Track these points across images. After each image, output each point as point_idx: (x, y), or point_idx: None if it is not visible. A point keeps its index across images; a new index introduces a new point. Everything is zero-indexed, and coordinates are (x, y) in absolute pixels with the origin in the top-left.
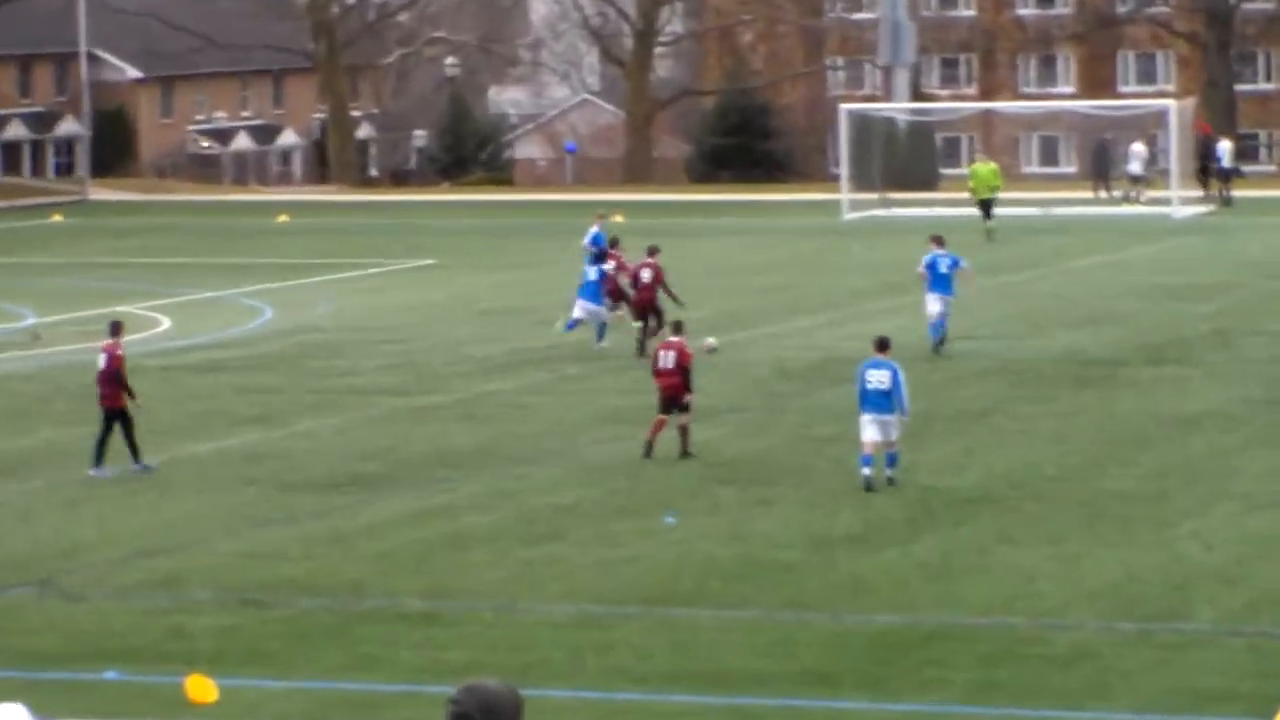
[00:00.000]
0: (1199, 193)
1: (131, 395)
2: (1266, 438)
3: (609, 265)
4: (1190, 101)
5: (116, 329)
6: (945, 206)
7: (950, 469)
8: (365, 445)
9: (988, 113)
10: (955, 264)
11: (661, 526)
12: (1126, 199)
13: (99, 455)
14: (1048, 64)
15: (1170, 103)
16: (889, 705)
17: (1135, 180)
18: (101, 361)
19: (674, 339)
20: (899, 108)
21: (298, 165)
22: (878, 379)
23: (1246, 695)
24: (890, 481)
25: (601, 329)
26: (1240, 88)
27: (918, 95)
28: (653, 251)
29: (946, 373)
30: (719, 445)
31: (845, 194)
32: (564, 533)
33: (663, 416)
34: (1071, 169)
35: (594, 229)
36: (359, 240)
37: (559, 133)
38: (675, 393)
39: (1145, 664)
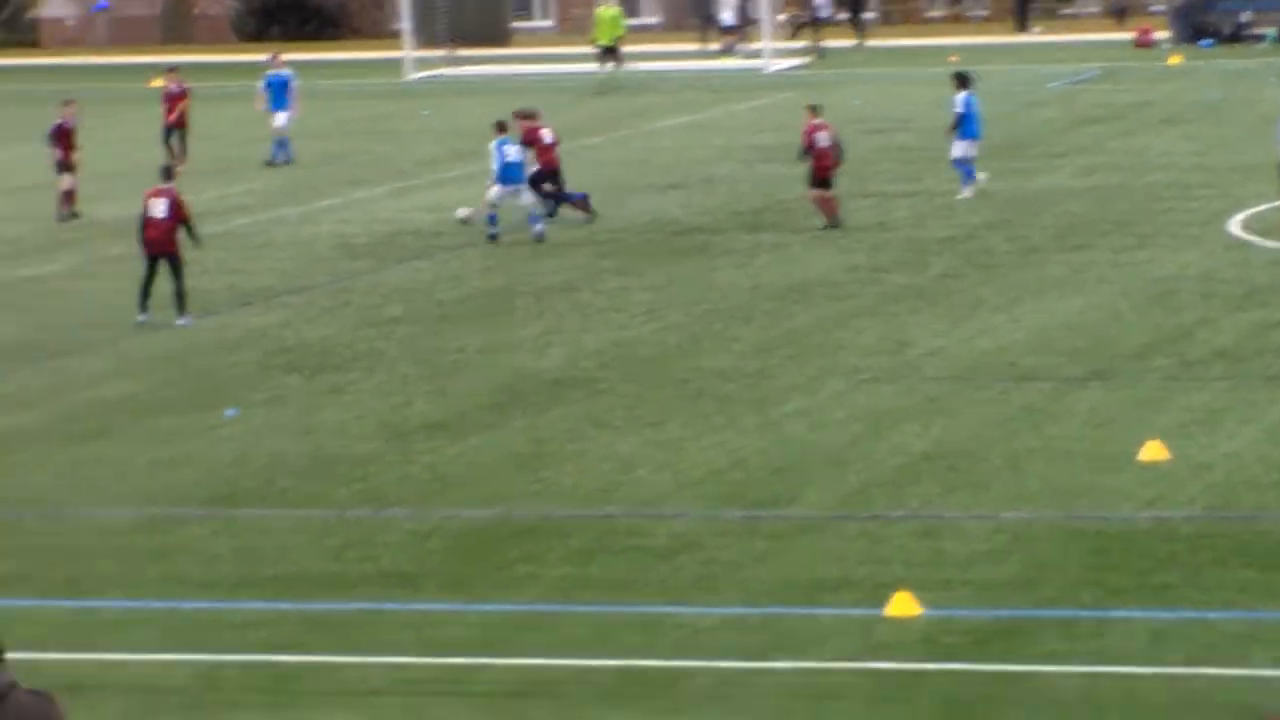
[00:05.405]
0: (795, 44)
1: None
2: (874, 308)
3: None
4: None
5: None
6: (520, 63)
7: (535, 349)
8: None
9: None
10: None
11: (222, 420)
12: (726, 51)
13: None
14: None
15: None
16: (476, 606)
17: (726, 31)
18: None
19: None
20: None
21: None
22: (511, 153)
23: (860, 582)
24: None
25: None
26: None
27: None
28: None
29: (525, 246)
30: (280, 330)
31: (409, 52)
32: (113, 430)
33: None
34: (655, 19)
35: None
36: None
37: None
38: None
39: (752, 554)
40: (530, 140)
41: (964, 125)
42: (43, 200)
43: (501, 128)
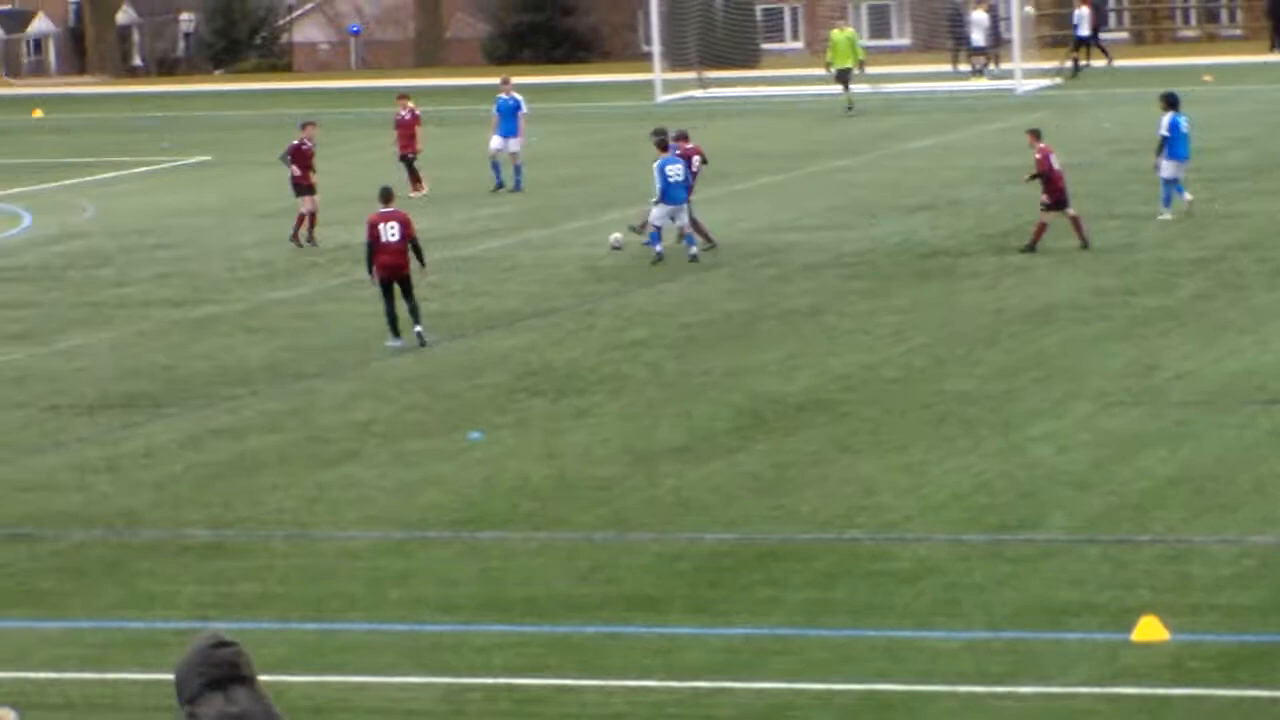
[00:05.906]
0: (1045, 65)
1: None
2: (1121, 331)
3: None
4: None
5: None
6: (769, 86)
7: (780, 373)
8: (140, 362)
9: None
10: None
11: (466, 443)
12: (977, 72)
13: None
14: None
15: None
16: (720, 630)
17: (975, 52)
18: (394, 232)
19: None
20: None
21: (53, 55)
22: (674, 173)
23: (1104, 607)
24: (694, 258)
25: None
26: None
27: None
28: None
29: (771, 269)
30: (526, 353)
31: (658, 74)
32: (360, 453)
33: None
34: (905, 41)
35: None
36: (124, 137)
37: (342, 13)
38: None
39: (996, 578)
40: (687, 160)
41: (1170, 147)
42: (291, 224)
43: (663, 146)
